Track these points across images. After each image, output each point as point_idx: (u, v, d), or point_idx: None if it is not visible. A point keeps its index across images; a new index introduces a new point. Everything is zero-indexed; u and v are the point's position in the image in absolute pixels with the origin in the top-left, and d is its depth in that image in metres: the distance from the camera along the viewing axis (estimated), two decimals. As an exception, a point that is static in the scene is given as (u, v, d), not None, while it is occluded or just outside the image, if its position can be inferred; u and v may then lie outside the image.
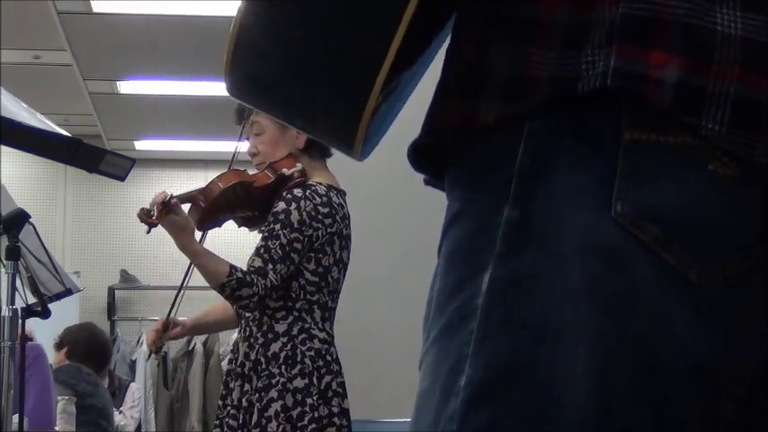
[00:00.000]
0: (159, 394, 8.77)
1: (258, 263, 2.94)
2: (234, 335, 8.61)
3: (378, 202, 4.79)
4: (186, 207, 2.98)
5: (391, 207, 4.86)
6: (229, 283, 2.89)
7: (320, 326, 3.02)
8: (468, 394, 0.89)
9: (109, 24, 6.27)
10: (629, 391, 0.86)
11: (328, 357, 3.00)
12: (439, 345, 0.96)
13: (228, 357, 3.15)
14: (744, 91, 0.88)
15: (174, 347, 8.92)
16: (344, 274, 3.14)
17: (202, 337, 8.80)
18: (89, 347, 5.15)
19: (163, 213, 2.87)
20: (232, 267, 2.91)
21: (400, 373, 4.73)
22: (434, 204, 4.22)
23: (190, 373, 8.69)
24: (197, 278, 3.10)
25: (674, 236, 0.88)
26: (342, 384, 3.03)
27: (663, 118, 0.89)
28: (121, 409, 6.63)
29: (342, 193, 3.15)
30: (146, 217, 2.87)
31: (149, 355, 3.28)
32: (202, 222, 3.01)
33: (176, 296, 3.16)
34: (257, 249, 2.97)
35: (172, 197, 2.91)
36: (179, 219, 2.92)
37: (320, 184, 3.09)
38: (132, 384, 7.22)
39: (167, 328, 3.18)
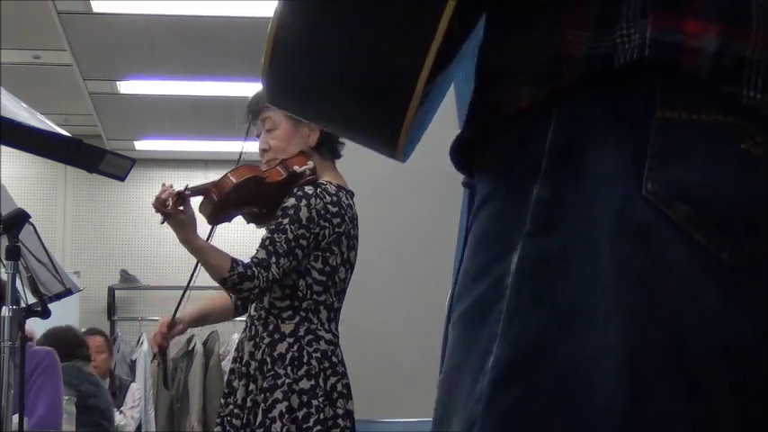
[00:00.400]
0: (159, 394, 8.76)
1: (262, 254, 2.94)
2: (234, 335, 8.64)
3: (382, 203, 4.79)
4: (197, 200, 2.97)
5: (396, 209, 4.86)
6: (231, 277, 2.89)
7: (326, 327, 3.02)
8: (495, 374, 0.89)
9: (109, 24, 6.27)
10: (660, 368, 0.86)
11: (334, 359, 3.00)
12: (465, 323, 0.94)
13: (232, 356, 3.14)
14: None
15: (174, 347, 8.92)
16: (351, 275, 3.14)
17: (202, 337, 8.80)
18: (64, 343, 5.13)
19: (177, 204, 2.86)
20: (233, 261, 2.91)
21: (401, 373, 4.75)
22: (439, 207, 4.22)
23: (190, 373, 8.69)
24: (200, 278, 3.10)
25: (705, 215, 0.87)
26: (347, 386, 3.02)
27: (696, 95, 0.88)
28: (122, 409, 6.64)
29: (350, 194, 3.15)
30: (162, 207, 2.86)
31: (153, 358, 3.26)
32: (213, 216, 3.00)
33: (182, 295, 3.15)
34: (263, 241, 2.97)
35: (187, 189, 2.90)
36: (186, 216, 2.92)
37: (330, 183, 3.09)
38: (132, 384, 7.22)
39: (172, 328, 3.17)
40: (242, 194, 2.99)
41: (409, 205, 4.88)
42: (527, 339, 0.88)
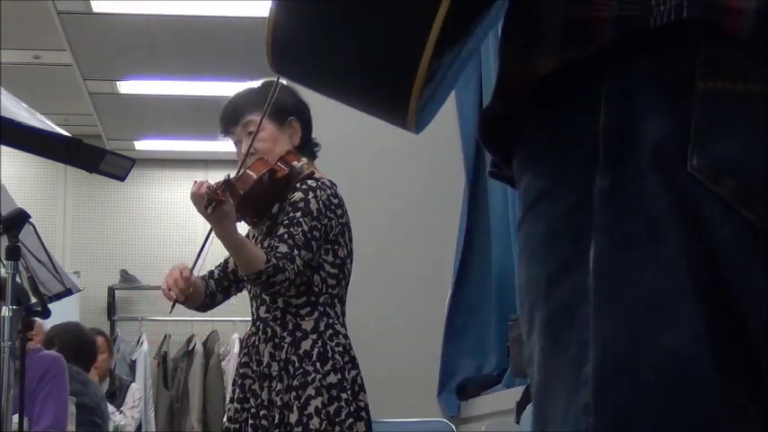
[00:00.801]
0: (159, 394, 8.76)
1: (284, 248, 2.91)
2: (234, 335, 8.63)
3: (383, 203, 4.79)
4: None
5: (396, 209, 4.86)
6: (267, 269, 2.86)
7: (341, 321, 3.04)
8: (597, 382, 0.85)
9: (109, 24, 6.27)
10: (734, 352, 0.83)
11: (352, 352, 3.03)
12: (549, 333, 0.90)
13: (242, 360, 3.08)
14: None
15: (174, 347, 8.93)
16: (352, 266, 3.16)
17: (202, 337, 8.80)
18: (77, 346, 5.16)
19: (225, 193, 2.81)
20: (267, 254, 2.89)
21: (401, 373, 4.75)
22: (439, 207, 4.21)
23: (190, 373, 8.69)
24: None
25: (754, 191, 0.83)
26: (362, 379, 3.04)
27: (739, 62, 0.85)
28: (122, 409, 6.63)
29: (336, 187, 3.17)
30: (215, 194, 2.79)
31: (172, 309, 3.04)
32: (237, 212, 2.95)
33: (199, 253, 3.00)
34: (280, 236, 2.94)
35: (230, 178, 2.86)
36: (230, 207, 2.85)
37: (323, 177, 3.10)
38: (133, 384, 7.22)
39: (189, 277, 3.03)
40: (259, 189, 2.97)
41: (410, 205, 4.88)
42: (620, 341, 0.84)
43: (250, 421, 2.97)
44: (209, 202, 2.78)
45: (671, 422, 0.83)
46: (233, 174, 2.99)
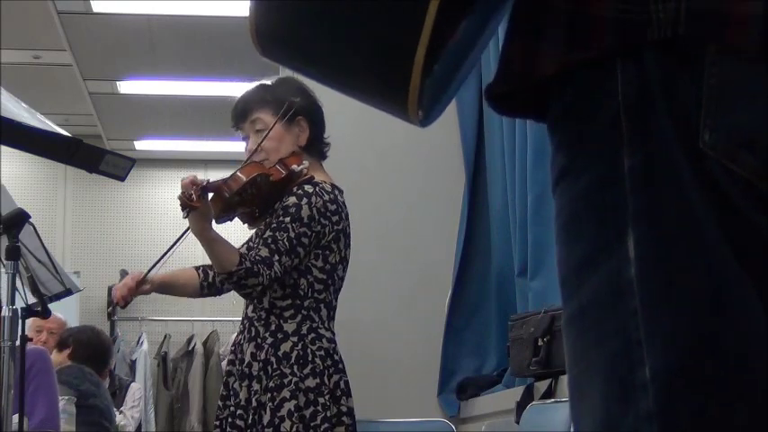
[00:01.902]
0: (159, 394, 8.76)
1: (265, 252, 2.93)
2: (234, 335, 8.62)
3: (382, 203, 4.79)
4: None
5: (396, 209, 4.86)
6: (238, 271, 2.88)
7: (326, 325, 3.03)
8: (660, 386, 0.78)
9: (109, 24, 6.27)
10: None
11: (335, 356, 3.01)
12: (583, 325, 0.83)
13: (228, 358, 3.13)
14: None
15: (174, 347, 8.92)
16: (346, 273, 3.15)
17: (202, 337, 8.80)
18: (92, 350, 5.16)
19: (201, 197, 2.84)
20: (242, 256, 2.90)
21: (400, 373, 4.75)
22: (439, 207, 4.22)
23: (190, 373, 8.69)
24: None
25: None
26: (347, 383, 3.03)
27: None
28: (122, 409, 6.63)
29: (341, 192, 3.16)
30: (188, 201, 2.83)
31: (111, 310, 3.20)
32: (221, 214, 2.99)
33: (161, 257, 3.07)
34: (264, 239, 2.96)
35: (208, 181, 2.89)
36: (206, 207, 2.88)
37: (324, 182, 3.09)
38: (132, 384, 7.22)
39: (141, 285, 3.12)
40: (249, 192, 2.99)
41: (410, 205, 4.88)
42: (680, 340, 0.78)
43: (229, 420, 2.98)
44: (182, 206, 2.82)
45: (745, 425, 0.78)
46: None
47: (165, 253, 3.03)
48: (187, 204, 2.81)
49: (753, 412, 0.77)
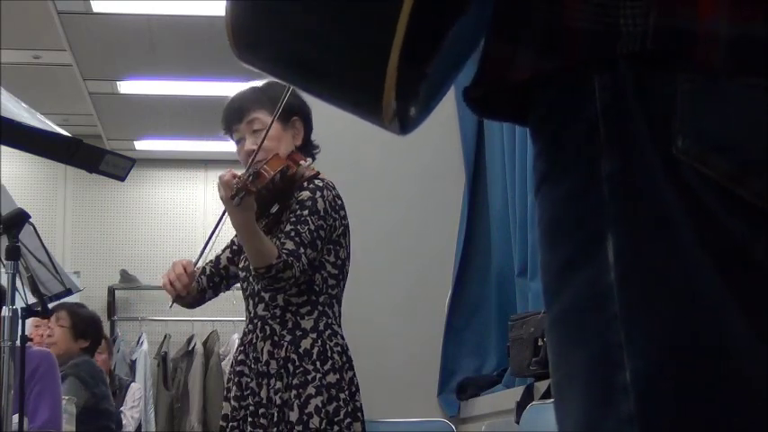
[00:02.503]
0: (159, 394, 8.76)
1: (291, 245, 2.92)
2: (234, 335, 8.61)
3: (382, 203, 4.79)
4: None
5: (396, 209, 4.86)
6: (277, 264, 2.86)
7: (338, 321, 3.06)
8: (640, 390, 0.78)
9: (109, 24, 6.27)
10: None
11: (348, 353, 3.03)
12: (565, 330, 0.83)
13: (237, 359, 3.09)
14: None
15: (174, 347, 8.92)
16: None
17: (202, 337, 8.80)
18: (87, 325, 5.12)
19: (255, 184, 2.82)
20: (279, 249, 2.89)
21: (400, 373, 4.75)
22: (439, 207, 4.21)
23: (190, 373, 8.69)
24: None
25: (748, 168, 0.77)
26: (357, 381, 3.05)
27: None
28: (122, 409, 6.63)
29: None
30: (245, 185, 2.77)
31: (172, 305, 3.10)
32: None
33: (205, 245, 3.04)
34: (287, 233, 2.94)
35: (257, 168, 2.85)
36: (253, 198, 2.85)
37: (326, 179, 3.11)
38: (132, 384, 7.22)
39: (193, 277, 3.07)
40: (271, 187, 2.97)
41: (410, 205, 4.88)
42: (660, 343, 0.78)
43: (249, 419, 2.96)
44: (237, 191, 2.77)
45: (726, 424, 0.78)
46: (239, 171, 3.00)
47: (208, 241, 2.97)
48: (244, 188, 2.76)
49: (733, 413, 0.78)
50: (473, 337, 4.75)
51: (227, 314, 7.91)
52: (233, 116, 3.13)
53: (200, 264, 3.07)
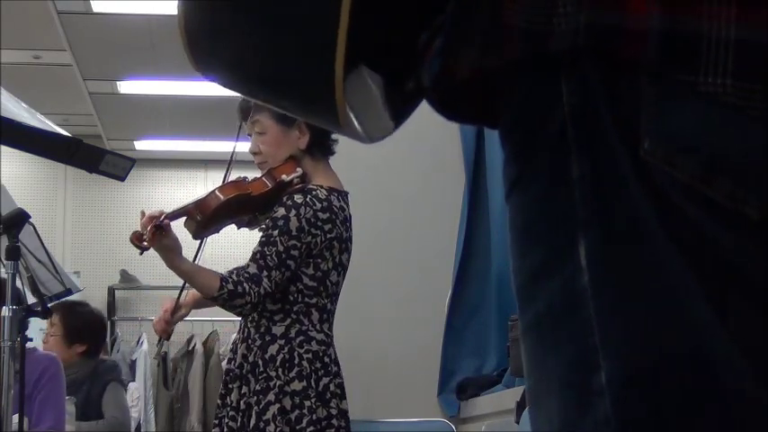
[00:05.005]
0: (159, 394, 8.76)
1: (253, 269, 2.95)
2: (234, 335, 8.63)
3: (381, 204, 4.79)
4: (181, 220, 3.00)
5: (396, 209, 4.86)
6: (221, 296, 2.92)
7: (318, 327, 3.02)
8: (616, 391, 0.77)
9: (109, 24, 6.27)
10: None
11: (326, 359, 3.00)
12: (539, 334, 0.83)
13: (228, 357, 3.15)
14: (746, 33, 0.74)
15: (174, 347, 8.92)
16: (344, 277, 3.13)
17: (202, 337, 8.80)
18: (80, 328, 5.03)
19: (156, 237, 2.89)
20: (222, 280, 2.91)
21: (399, 373, 4.75)
22: (438, 207, 4.23)
23: (190, 373, 8.69)
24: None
25: (715, 166, 0.76)
26: (340, 385, 3.02)
27: None
28: (121, 409, 6.63)
29: (343, 195, 3.14)
30: (137, 241, 2.90)
31: (160, 341, 3.27)
32: (199, 232, 3.01)
33: (182, 287, 3.15)
34: (253, 254, 2.97)
35: (164, 218, 2.91)
36: (168, 241, 2.93)
37: (321, 187, 3.07)
38: (132, 384, 7.23)
39: (175, 314, 3.16)
40: (228, 210, 3.01)
41: (410, 205, 4.88)
42: (634, 343, 0.77)
43: (225, 420, 3.00)
44: (136, 246, 2.93)
45: (702, 422, 0.77)
46: (229, 178, 3.04)
47: (183, 286, 3.09)
48: (135, 245, 2.88)
49: (709, 413, 0.77)
50: (473, 338, 4.75)
51: (227, 314, 7.89)
52: (241, 114, 3.16)
53: (198, 263, 3.11)
